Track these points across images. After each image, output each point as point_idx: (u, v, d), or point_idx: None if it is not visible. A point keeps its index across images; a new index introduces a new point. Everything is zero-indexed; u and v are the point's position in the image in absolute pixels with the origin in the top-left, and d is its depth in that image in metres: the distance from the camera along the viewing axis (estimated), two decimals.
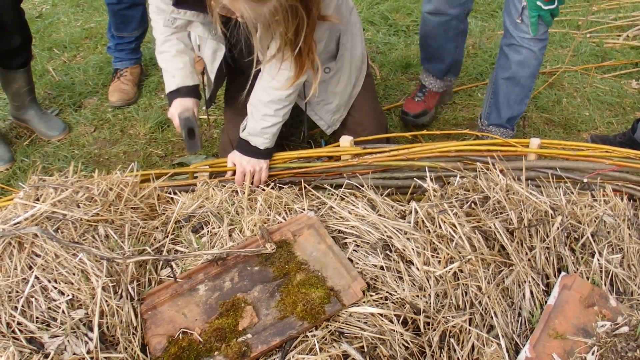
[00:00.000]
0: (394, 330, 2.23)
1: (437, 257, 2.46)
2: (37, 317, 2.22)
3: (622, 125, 4.30)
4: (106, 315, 2.27)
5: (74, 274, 2.32)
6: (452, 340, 2.26)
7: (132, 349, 2.26)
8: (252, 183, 3.08)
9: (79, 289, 2.29)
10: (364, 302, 2.31)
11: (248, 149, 3.10)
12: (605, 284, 2.55)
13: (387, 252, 2.49)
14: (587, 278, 2.56)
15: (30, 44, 4.03)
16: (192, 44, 3.22)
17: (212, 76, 3.28)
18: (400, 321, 2.27)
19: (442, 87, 4.28)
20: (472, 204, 2.72)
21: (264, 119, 3.06)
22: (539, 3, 3.28)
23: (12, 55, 3.92)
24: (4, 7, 3.68)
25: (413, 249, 2.46)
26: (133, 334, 2.31)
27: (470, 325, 2.30)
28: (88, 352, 2.15)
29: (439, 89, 4.27)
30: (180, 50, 3.15)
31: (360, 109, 3.56)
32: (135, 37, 4.65)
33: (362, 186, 2.95)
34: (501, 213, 2.68)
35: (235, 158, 3.13)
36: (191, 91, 3.18)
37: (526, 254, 2.56)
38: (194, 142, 3.15)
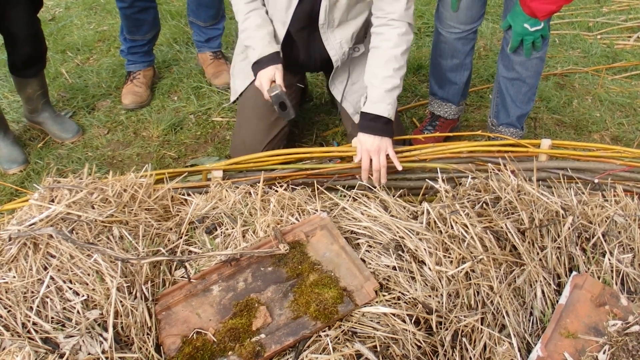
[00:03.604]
0: (406, 330, 2.24)
1: (449, 257, 2.47)
2: (52, 318, 2.24)
3: (633, 126, 4.30)
4: (121, 316, 2.28)
5: (88, 275, 2.33)
6: (464, 339, 2.27)
7: (147, 349, 2.27)
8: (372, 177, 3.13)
9: (93, 290, 2.31)
10: (376, 302, 2.31)
11: (373, 126, 3.12)
12: (616, 284, 2.56)
13: (400, 252, 2.50)
14: (598, 277, 2.56)
15: (45, 55, 4.06)
16: (270, 20, 3.37)
17: (284, 30, 3.37)
18: (412, 321, 2.27)
19: (457, 113, 4.15)
20: (484, 205, 2.73)
21: (384, 81, 3.13)
22: (526, 25, 3.25)
23: (25, 66, 3.95)
24: (19, 19, 3.70)
25: (425, 249, 2.47)
26: (147, 334, 2.32)
27: (482, 324, 2.31)
28: (103, 352, 2.16)
29: (454, 115, 4.14)
30: (259, 24, 3.30)
31: None
32: (147, 40, 4.67)
33: (375, 187, 2.96)
34: (512, 213, 2.69)
35: (360, 139, 3.14)
36: (270, 59, 3.29)
37: (537, 253, 2.57)
38: (287, 112, 3.29)
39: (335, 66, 3.45)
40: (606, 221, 2.73)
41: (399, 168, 3.10)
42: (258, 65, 3.30)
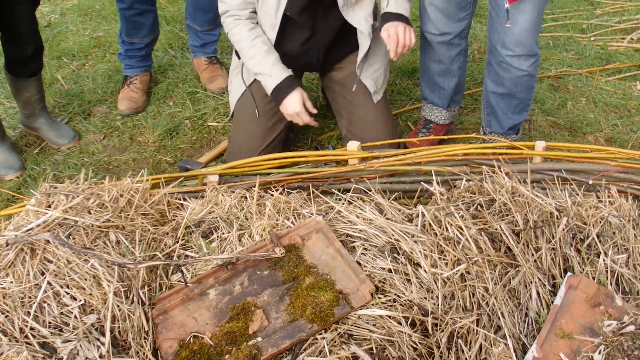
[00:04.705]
0: (402, 332, 2.25)
1: (444, 259, 2.48)
2: (49, 322, 2.25)
3: (627, 127, 4.31)
4: (118, 320, 2.29)
5: (85, 280, 2.34)
6: (460, 341, 2.28)
7: (144, 353, 2.28)
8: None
9: (90, 294, 2.32)
10: (372, 304, 2.32)
11: (399, 20, 3.31)
12: (611, 284, 2.57)
13: (395, 255, 2.51)
14: (593, 278, 2.57)
15: (42, 53, 4.06)
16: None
17: (274, 34, 3.43)
18: (408, 323, 2.28)
19: (448, 118, 4.12)
20: (478, 207, 2.74)
21: None
22: None
23: (24, 64, 3.95)
24: (21, 15, 3.72)
25: (420, 252, 2.48)
26: (144, 338, 2.33)
27: (477, 326, 2.32)
28: (100, 356, 2.17)
29: (445, 120, 4.12)
30: (267, 50, 3.37)
31: (377, 125, 3.67)
32: (145, 44, 4.65)
33: (370, 190, 2.97)
34: (507, 215, 2.69)
35: (388, 28, 3.30)
36: (290, 84, 3.39)
37: (532, 255, 2.58)
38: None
39: (367, 36, 3.50)
40: (600, 222, 2.74)
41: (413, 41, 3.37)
42: (279, 92, 3.37)
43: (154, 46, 4.84)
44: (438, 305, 2.34)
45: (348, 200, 2.90)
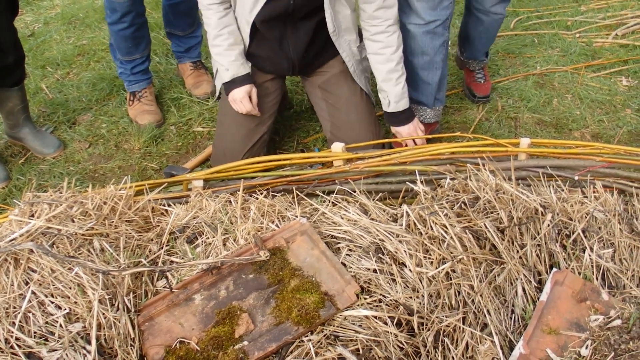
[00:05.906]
0: (388, 332, 2.24)
1: (429, 258, 2.48)
2: (34, 332, 2.23)
3: (613, 123, 4.32)
4: (103, 328, 2.28)
5: (70, 288, 2.33)
6: (446, 339, 2.28)
7: None
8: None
9: (75, 303, 2.31)
10: (358, 305, 2.32)
11: (403, 118, 3.69)
12: (597, 279, 2.57)
13: (380, 255, 2.51)
14: (579, 273, 2.57)
15: (24, 62, 4.04)
16: (241, 37, 3.54)
17: (248, 29, 3.47)
18: (394, 323, 2.28)
19: (433, 117, 4.15)
20: (463, 205, 2.73)
21: (398, 82, 3.56)
22: None
23: (6, 74, 3.93)
24: (1, 25, 3.70)
25: (405, 251, 2.48)
26: (131, 345, 2.32)
27: (463, 324, 2.32)
28: None
29: (430, 119, 4.14)
30: (231, 44, 3.48)
31: (360, 127, 3.70)
32: (146, 56, 4.61)
33: (354, 192, 2.96)
34: (491, 212, 2.69)
35: (398, 131, 3.73)
36: (244, 80, 3.54)
37: (517, 251, 2.58)
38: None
39: (349, 66, 3.64)
40: (586, 217, 2.74)
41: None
42: (232, 84, 3.52)
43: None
44: (424, 304, 2.34)
45: (332, 202, 2.89)
